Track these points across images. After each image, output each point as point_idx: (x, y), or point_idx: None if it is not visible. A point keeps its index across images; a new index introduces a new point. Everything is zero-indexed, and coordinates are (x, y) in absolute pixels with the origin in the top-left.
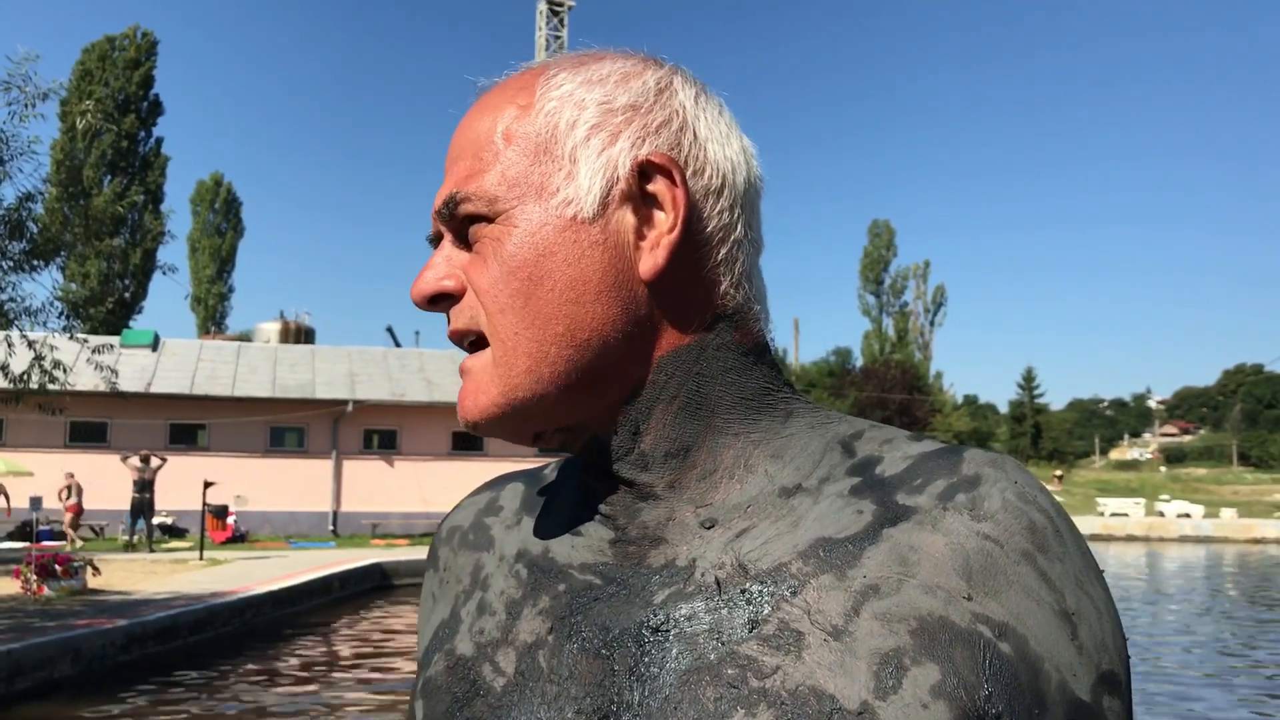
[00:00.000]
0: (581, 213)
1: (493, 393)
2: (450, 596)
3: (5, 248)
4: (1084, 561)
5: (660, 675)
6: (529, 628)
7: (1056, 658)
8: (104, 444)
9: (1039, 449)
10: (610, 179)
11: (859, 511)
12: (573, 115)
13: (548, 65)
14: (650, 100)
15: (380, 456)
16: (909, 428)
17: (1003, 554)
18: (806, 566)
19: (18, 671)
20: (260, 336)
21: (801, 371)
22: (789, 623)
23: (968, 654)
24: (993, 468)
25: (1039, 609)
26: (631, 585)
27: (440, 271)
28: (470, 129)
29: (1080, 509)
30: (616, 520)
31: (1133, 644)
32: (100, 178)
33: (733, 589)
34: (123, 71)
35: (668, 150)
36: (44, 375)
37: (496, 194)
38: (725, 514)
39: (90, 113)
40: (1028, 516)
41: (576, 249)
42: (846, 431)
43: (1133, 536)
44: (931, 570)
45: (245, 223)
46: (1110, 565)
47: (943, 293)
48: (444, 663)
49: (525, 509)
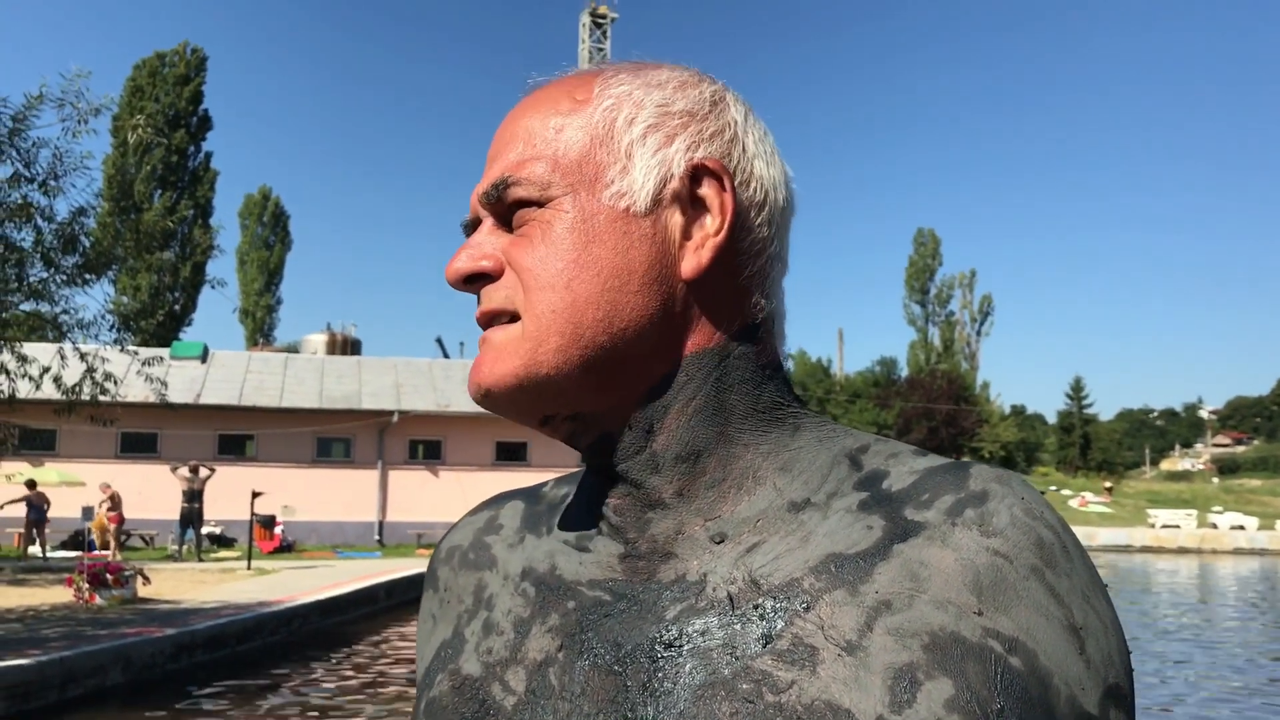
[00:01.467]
0: (634, 206)
1: (515, 363)
2: (452, 617)
3: (58, 261)
4: (1090, 576)
5: (674, 690)
6: (539, 645)
7: (1066, 672)
8: (154, 454)
9: (1088, 460)
10: (664, 177)
11: (869, 527)
12: (631, 112)
13: (606, 68)
14: (706, 109)
15: (425, 467)
16: (955, 439)
17: (1012, 569)
18: (819, 582)
19: (70, 679)
20: (307, 348)
21: (846, 382)
22: (803, 638)
23: (980, 668)
24: (1000, 484)
25: (1048, 624)
26: (642, 601)
27: (479, 251)
28: (520, 121)
29: (1131, 520)
30: (626, 533)
31: (1188, 659)
32: (150, 192)
33: (745, 604)
34: (173, 87)
35: (719, 158)
36: (95, 387)
37: (550, 179)
38: (735, 528)
39: (141, 128)
40: (1036, 532)
41: (625, 240)
42: (853, 445)
43: (1184, 549)
44: (942, 585)
45: (293, 236)
46: (1161, 578)
47: (989, 302)
48: (449, 683)
49: (527, 527)
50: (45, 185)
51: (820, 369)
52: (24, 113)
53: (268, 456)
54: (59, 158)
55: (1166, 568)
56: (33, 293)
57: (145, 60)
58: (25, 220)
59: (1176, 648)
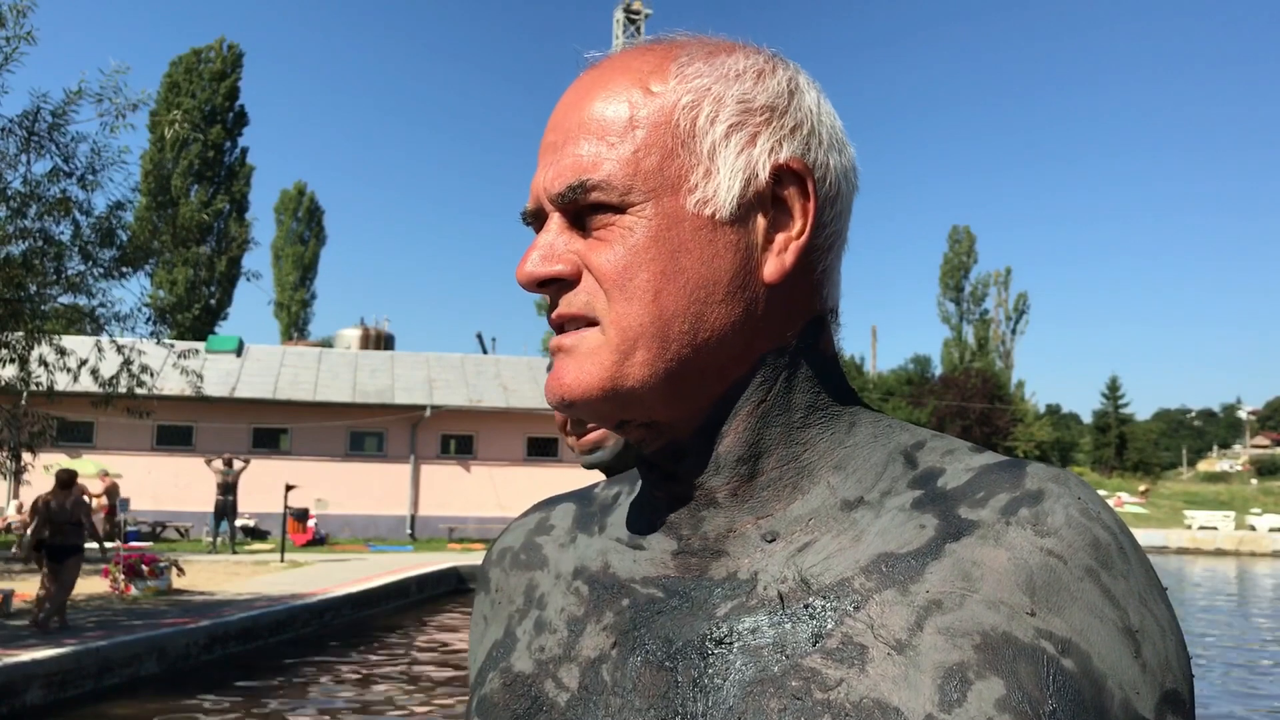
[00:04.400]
0: (719, 212)
1: (601, 375)
2: (503, 617)
3: (96, 255)
4: (1148, 579)
5: (724, 687)
6: (593, 643)
7: (1120, 675)
8: (189, 447)
9: (1124, 460)
10: (748, 180)
11: (921, 526)
12: (712, 110)
13: (674, 47)
14: (785, 101)
15: (457, 461)
16: (990, 437)
17: (1066, 570)
18: (869, 581)
19: (106, 668)
20: (341, 343)
21: (879, 380)
22: (853, 636)
23: (1031, 669)
24: (1056, 483)
25: (1102, 626)
26: (694, 598)
27: (552, 253)
28: (588, 106)
29: (1167, 522)
30: (679, 530)
31: (1226, 661)
32: (187, 187)
33: (795, 603)
34: (209, 83)
35: (802, 155)
36: (132, 380)
37: (631, 184)
38: (786, 527)
39: (178, 123)
40: (1091, 533)
41: (710, 249)
42: (908, 442)
43: (1222, 551)
44: (995, 585)
45: (327, 231)
46: (1199, 580)
47: (1025, 300)
48: (500, 680)
49: (579, 527)
50: (84, 180)
51: (854, 367)
52: (63, 108)
53: (301, 450)
54: (97, 152)
55: (1204, 570)
56: (70, 286)
57: (182, 56)
58: (64, 214)
59: (1209, 650)
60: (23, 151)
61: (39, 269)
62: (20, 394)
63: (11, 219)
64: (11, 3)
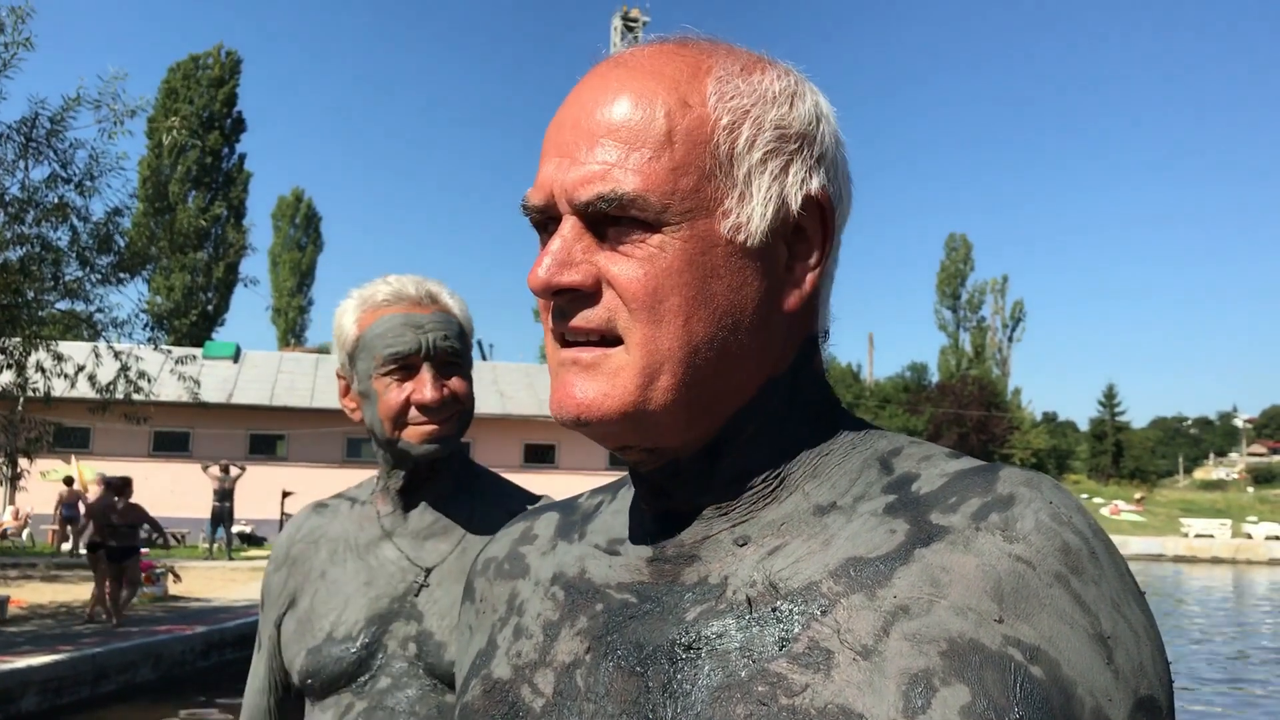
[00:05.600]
0: (751, 240)
1: (624, 398)
2: (487, 626)
3: (93, 261)
4: (1122, 584)
5: (693, 692)
6: (567, 649)
7: (1091, 682)
8: (186, 453)
9: (1120, 468)
10: (780, 209)
11: (891, 531)
12: (751, 134)
13: (704, 55)
14: (814, 129)
15: None
16: (986, 445)
17: (1035, 576)
18: (837, 585)
19: (102, 675)
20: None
21: (876, 387)
22: (819, 641)
23: (998, 677)
24: (1028, 487)
25: (1072, 632)
26: (665, 603)
27: (569, 260)
28: (615, 108)
29: (1163, 530)
30: (658, 537)
31: (1223, 670)
32: (185, 193)
33: (763, 607)
34: (207, 89)
35: (825, 186)
36: (129, 385)
37: (669, 203)
38: (758, 531)
39: (176, 129)
40: (1061, 537)
41: (740, 276)
42: (886, 448)
43: (1219, 559)
44: (963, 592)
45: (325, 237)
46: (1195, 588)
47: (1021, 308)
48: (480, 687)
49: (560, 535)
50: (81, 185)
51: (850, 374)
52: (61, 114)
53: (298, 456)
54: (95, 158)
55: (1200, 578)
56: (68, 292)
57: (180, 63)
58: (61, 220)
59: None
60: (21, 157)
61: (37, 275)
62: (17, 400)
63: (9, 225)
64: (11, 7)
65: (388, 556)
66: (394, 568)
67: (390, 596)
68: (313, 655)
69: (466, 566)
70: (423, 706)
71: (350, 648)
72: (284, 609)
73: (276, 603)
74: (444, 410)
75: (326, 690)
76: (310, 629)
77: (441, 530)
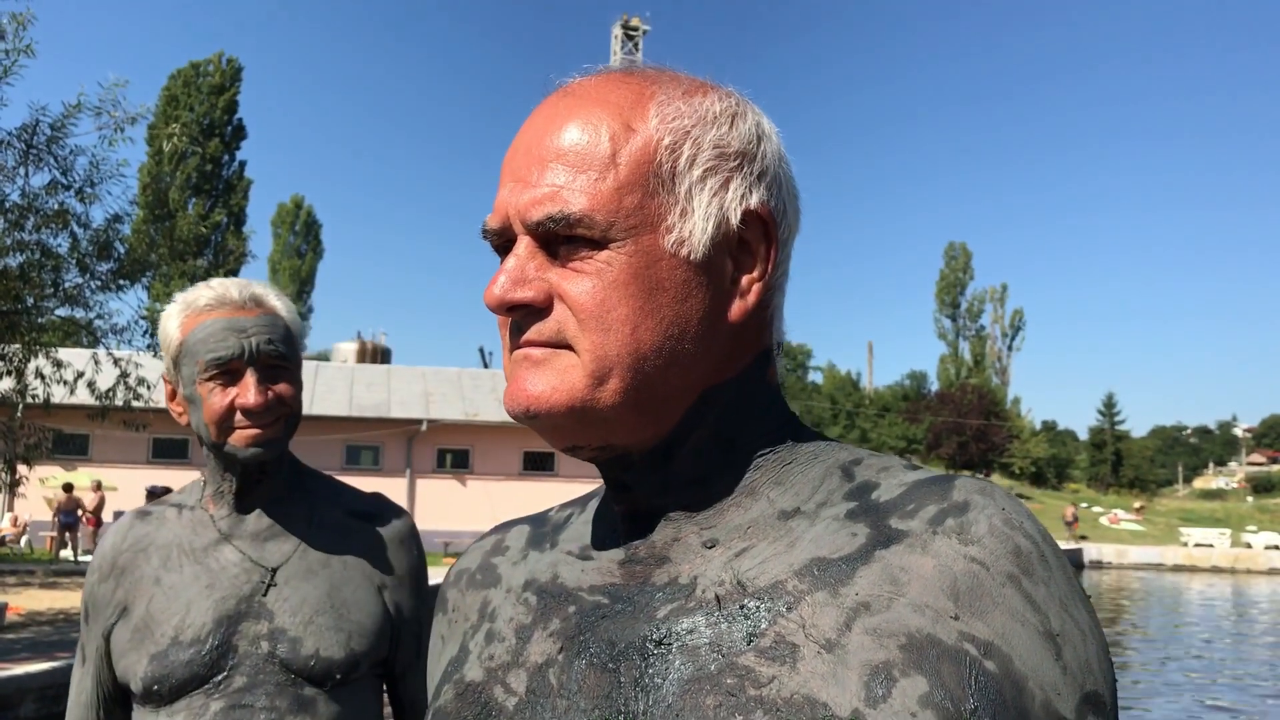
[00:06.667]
0: (693, 253)
1: (572, 395)
2: (459, 634)
3: (93, 267)
4: (1069, 586)
5: (663, 685)
6: (540, 649)
7: (1040, 677)
8: (185, 460)
9: (1119, 477)
10: (720, 224)
11: (853, 534)
12: (691, 153)
13: (649, 82)
14: (755, 147)
15: (453, 475)
16: (985, 454)
17: (989, 576)
18: (802, 584)
19: None
20: (338, 356)
21: (876, 395)
22: (785, 636)
23: (954, 669)
24: (981, 495)
25: (1024, 630)
26: (637, 602)
27: (523, 277)
28: (564, 134)
29: (1163, 539)
30: (629, 541)
31: (1225, 680)
32: (185, 200)
33: (732, 605)
34: (207, 97)
35: (766, 201)
36: (129, 392)
37: (613, 221)
38: (726, 535)
39: (176, 136)
40: (1013, 541)
41: (684, 288)
42: (846, 458)
43: (1218, 568)
44: (921, 590)
45: (324, 244)
46: (1194, 597)
47: (1021, 317)
48: (452, 691)
49: (531, 545)
50: (82, 192)
51: (850, 382)
52: (62, 121)
53: None
54: (95, 165)
55: (1199, 587)
56: (68, 298)
57: (181, 70)
58: (62, 226)
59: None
60: (21, 164)
61: (36, 281)
62: (16, 406)
63: (9, 231)
64: (12, 14)
65: (229, 559)
66: (236, 569)
67: (236, 597)
68: (158, 661)
69: (311, 565)
70: (281, 700)
71: (200, 650)
72: (114, 619)
73: (104, 614)
74: (269, 414)
75: (176, 694)
76: (151, 635)
77: (280, 531)
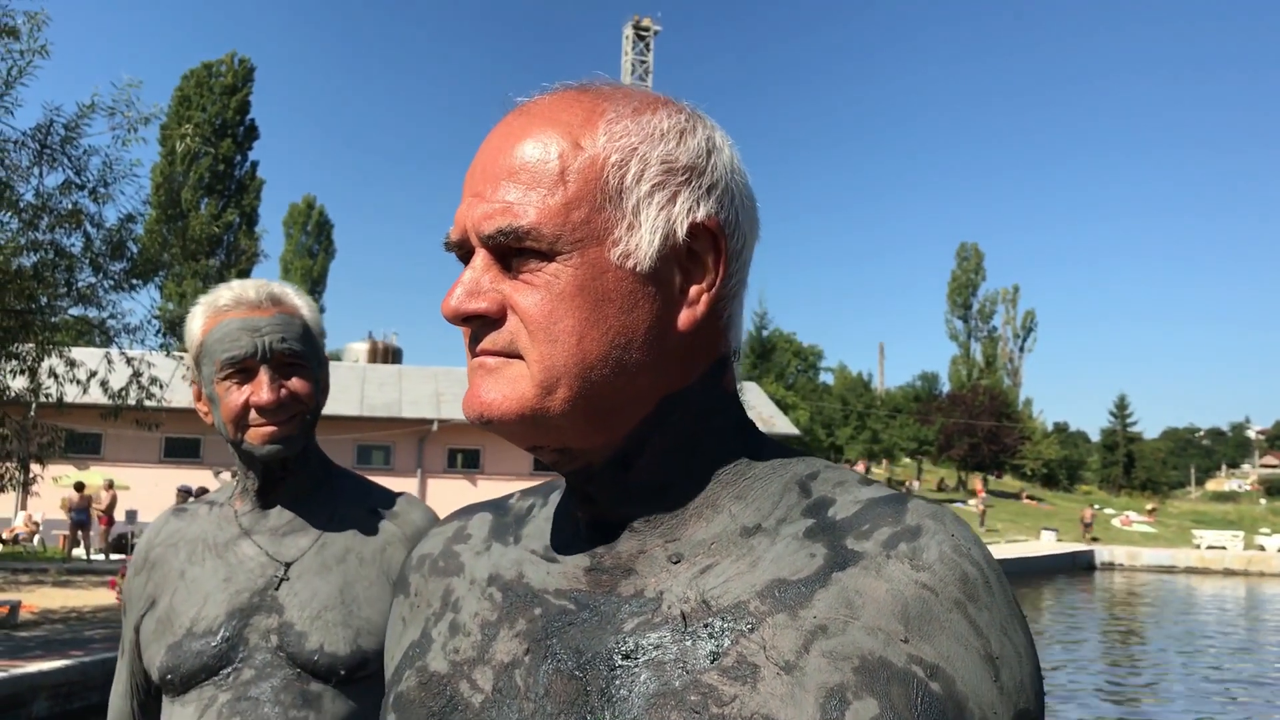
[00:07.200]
0: (640, 265)
1: (522, 403)
2: (420, 619)
3: (106, 267)
4: (1009, 610)
5: (630, 698)
6: (505, 648)
7: (980, 697)
8: (197, 459)
9: (1131, 479)
10: (667, 236)
11: (811, 555)
12: (638, 169)
13: (600, 100)
14: (704, 161)
15: (464, 476)
16: (997, 455)
17: (937, 602)
18: (763, 605)
19: (113, 680)
20: (349, 356)
21: (887, 396)
22: (747, 656)
23: (902, 691)
24: (933, 520)
25: (967, 653)
26: (603, 612)
27: (478, 289)
28: (517, 152)
29: (1175, 541)
30: (594, 548)
31: (1239, 684)
32: (197, 200)
33: (696, 622)
34: (220, 97)
35: (716, 214)
36: (141, 391)
37: (560, 234)
38: (690, 550)
39: (189, 137)
40: (961, 568)
41: (631, 299)
42: (804, 472)
43: (1231, 571)
44: (874, 613)
45: (336, 244)
46: (1207, 600)
47: (1033, 318)
48: (416, 679)
49: (494, 536)
50: (95, 192)
51: (861, 383)
52: (76, 121)
53: None
54: (109, 165)
55: (1212, 590)
56: (81, 298)
57: (193, 70)
58: (75, 226)
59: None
60: (35, 164)
61: (50, 281)
62: (30, 405)
63: (23, 231)
64: (27, 14)
65: (247, 553)
66: (253, 564)
67: (250, 591)
68: (172, 651)
69: (326, 560)
70: (286, 695)
71: (211, 641)
72: (144, 611)
73: (137, 606)
74: (282, 411)
75: (187, 684)
76: (170, 626)
77: (300, 527)
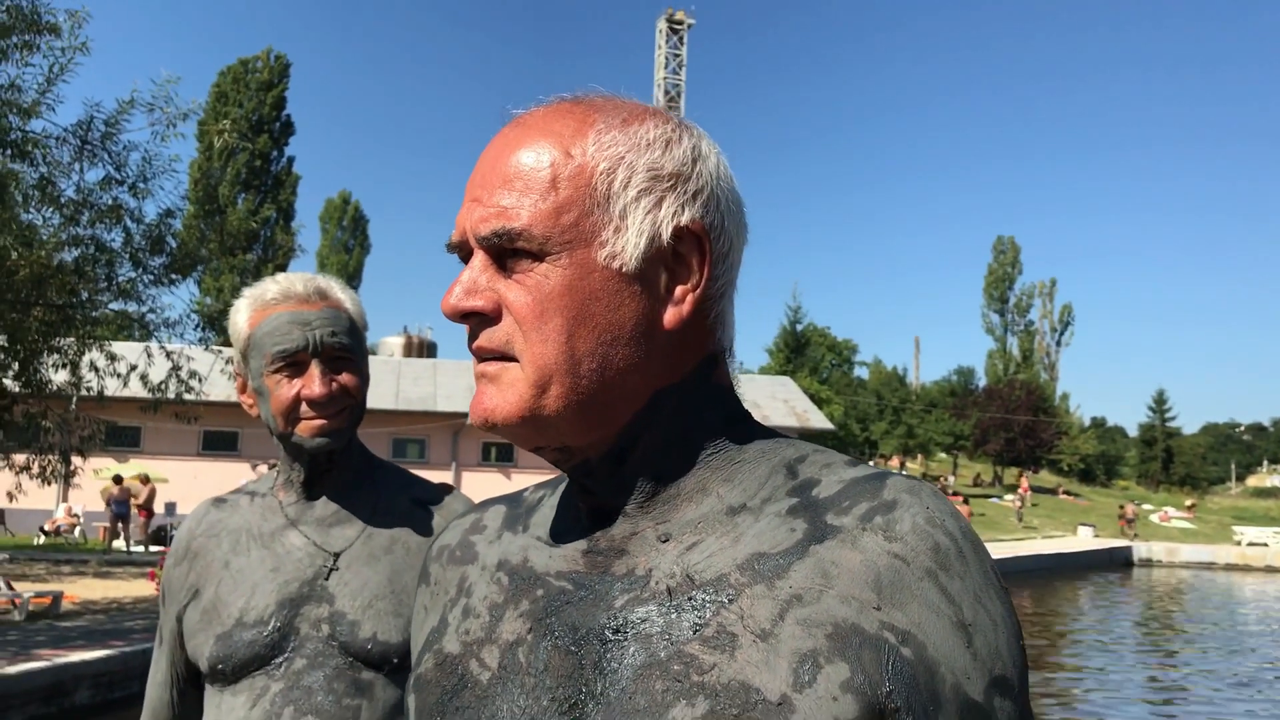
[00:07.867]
0: (626, 266)
1: (520, 404)
2: (439, 606)
3: (146, 262)
4: (985, 580)
5: (620, 670)
6: (511, 628)
7: (952, 663)
8: (235, 453)
9: (1170, 474)
10: (653, 239)
11: (791, 529)
12: (625, 176)
13: (591, 111)
14: (689, 169)
15: (498, 469)
16: (1033, 450)
17: (909, 571)
18: (743, 577)
19: None
20: (384, 350)
21: (922, 391)
22: (726, 626)
23: (874, 656)
24: (909, 494)
25: (938, 620)
26: (597, 591)
27: (475, 289)
28: (513, 160)
29: (1214, 538)
30: (591, 533)
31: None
32: (234, 195)
33: (681, 596)
34: (256, 93)
35: (700, 218)
36: (180, 385)
37: (549, 234)
38: (679, 530)
39: (227, 133)
40: (933, 538)
41: (617, 298)
42: (792, 455)
43: (1272, 568)
44: (848, 583)
45: (371, 239)
46: (1248, 597)
47: (1070, 312)
48: (433, 660)
49: (506, 526)
50: (134, 187)
51: (896, 377)
52: (116, 117)
53: None
54: (148, 161)
55: (1253, 586)
56: (121, 292)
57: (230, 67)
58: (115, 221)
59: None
60: (76, 160)
61: (91, 276)
62: (71, 399)
63: (65, 226)
64: (68, 11)
65: (294, 544)
66: (301, 554)
67: (300, 580)
68: (223, 641)
69: (374, 550)
70: (339, 684)
71: (263, 631)
72: (186, 601)
73: (178, 597)
74: (333, 405)
75: (239, 674)
76: (218, 616)
77: (346, 518)
